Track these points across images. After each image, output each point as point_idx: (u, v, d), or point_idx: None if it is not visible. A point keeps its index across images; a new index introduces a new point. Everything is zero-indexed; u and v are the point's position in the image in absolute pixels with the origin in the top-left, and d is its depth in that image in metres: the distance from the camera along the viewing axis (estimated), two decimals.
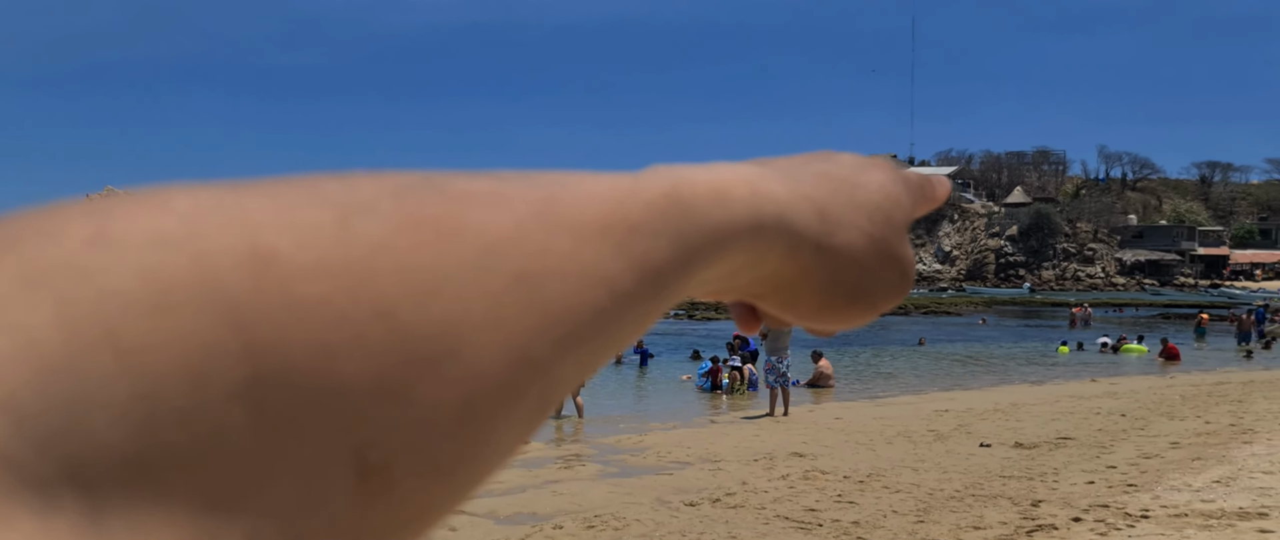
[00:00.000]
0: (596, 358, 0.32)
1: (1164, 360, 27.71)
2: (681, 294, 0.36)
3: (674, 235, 0.34)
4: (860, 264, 0.42)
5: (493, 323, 0.28)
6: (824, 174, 0.43)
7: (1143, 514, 8.05)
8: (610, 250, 0.32)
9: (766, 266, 0.40)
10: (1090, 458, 11.17)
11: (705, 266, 0.36)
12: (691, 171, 0.37)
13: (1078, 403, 16.91)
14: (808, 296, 0.43)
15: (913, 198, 0.47)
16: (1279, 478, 9.28)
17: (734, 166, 0.39)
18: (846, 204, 0.42)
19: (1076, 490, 9.32)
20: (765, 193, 0.38)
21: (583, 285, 0.30)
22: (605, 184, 0.34)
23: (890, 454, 11.66)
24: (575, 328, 0.30)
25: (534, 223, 0.30)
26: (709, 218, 0.35)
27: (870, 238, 0.43)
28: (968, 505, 8.85)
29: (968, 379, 22.81)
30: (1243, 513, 7.85)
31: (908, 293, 0.46)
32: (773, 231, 0.39)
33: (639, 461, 11.65)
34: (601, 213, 0.32)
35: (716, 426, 15.15)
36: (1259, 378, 21.99)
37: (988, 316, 52.44)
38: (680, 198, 0.35)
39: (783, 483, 10.07)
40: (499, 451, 0.30)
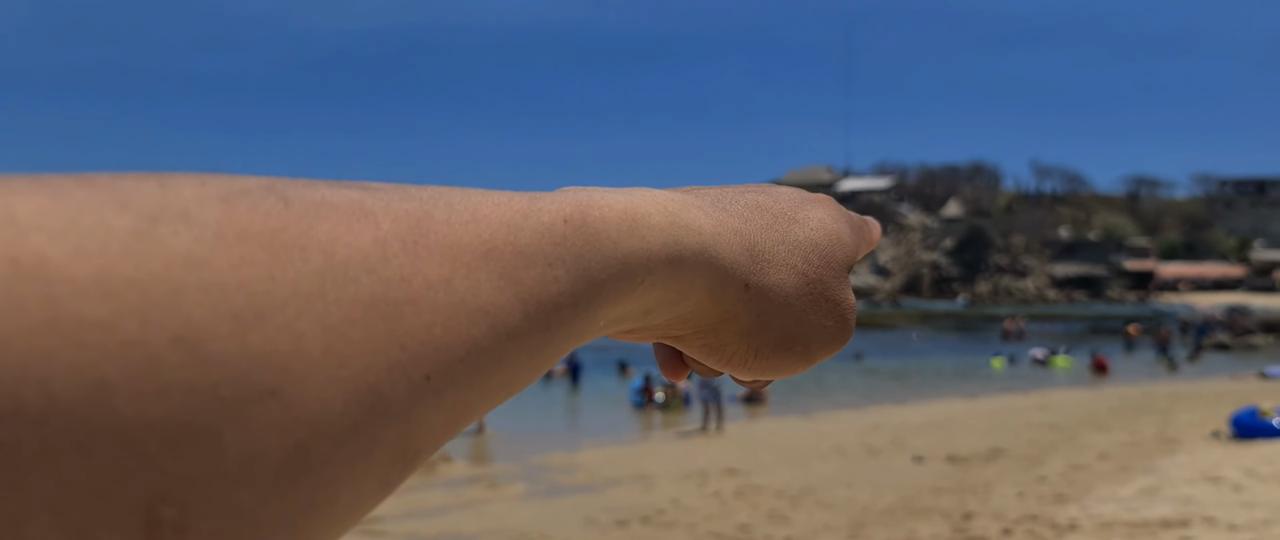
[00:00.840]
0: (478, 402, 0.29)
1: (1094, 373, 28.20)
2: (586, 332, 0.33)
3: (574, 265, 0.30)
4: (793, 307, 0.38)
5: (334, 358, 0.24)
6: (757, 206, 0.39)
7: (1071, 525, 8.08)
8: (493, 280, 0.28)
9: (686, 305, 0.36)
10: (1022, 470, 11.23)
11: (612, 302, 0.32)
12: (602, 195, 0.33)
13: (1010, 416, 17.08)
14: (733, 341, 0.38)
15: (856, 238, 0.43)
16: (1201, 487, 9.39)
17: (653, 192, 0.35)
18: (780, 241, 0.38)
19: (1008, 503, 9.34)
20: (687, 222, 0.34)
21: (454, 318, 0.27)
22: (495, 203, 0.30)
23: (824, 470, 11.62)
24: (443, 367, 0.26)
25: (398, 242, 0.26)
26: (618, 247, 0.32)
27: (805, 278, 0.39)
28: (900, 520, 8.81)
29: (902, 394, 22.96)
30: (1166, 522, 7.91)
31: (846, 341, 0.41)
32: (694, 266, 0.35)
33: (568, 480, 11.47)
34: (485, 235, 0.28)
35: (649, 443, 15.04)
36: (1183, 390, 22.44)
37: (923, 330, 53.06)
38: (585, 223, 0.31)
39: (715, 500, 9.96)
40: (343, 511, 0.25)
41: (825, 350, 0.40)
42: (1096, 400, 20.00)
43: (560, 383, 24.13)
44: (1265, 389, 21.20)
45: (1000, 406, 19.04)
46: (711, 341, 0.38)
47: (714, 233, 0.35)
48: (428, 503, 10.22)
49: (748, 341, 0.38)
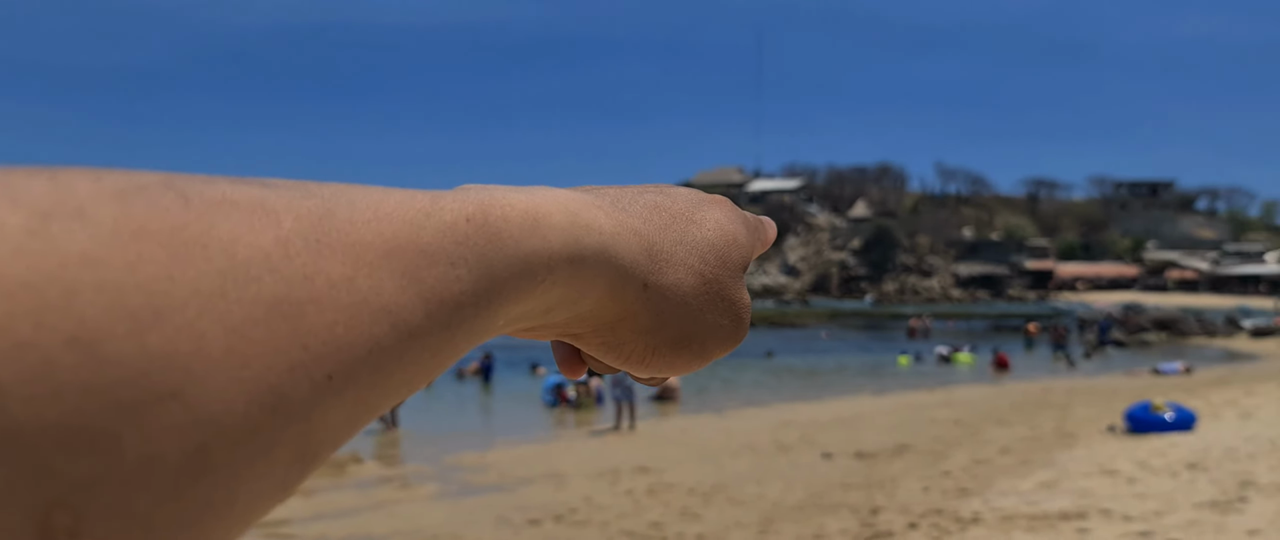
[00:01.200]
0: (378, 400, 0.28)
1: (996, 370, 28.99)
2: (487, 331, 0.33)
3: (476, 264, 0.31)
4: (690, 306, 0.39)
5: (236, 358, 0.23)
6: (656, 206, 0.39)
7: (974, 518, 8.27)
8: (395, 278, 0.28)
9: (586, 304, 0.36)
10: (927, 465, 11.48)
11: (514, 301, 0.33)
12: (503, 194, 0.33)
13: (916, 412, 17.45)
14: (631, 339, 0.39)
15: (752, 239, 0.43)
16: (1097, 480, 9.71)
17: (553, 191, 0.35)
18: (678, 241, 0.39)
19: (913, 498, 9.53)
20: (587, 222, 0.35)
21: (356, 317, 0.26)
22: (397, 202, 0.30)
23: (735, 467, 11.72)
24: (344, 367, 0.26)
25: (300, 241, 0.26)
26: (519, 247, 0.32)
27: (702, 277, 0.39)
28: (809, 516, 8.94)
29: (812, 391, 23.29)
30: (1064, 514, 8.15)
31: (741, 340, 0.42)
32: (594, 265, 0.35)
33: (480, 480, 11.38)
34: (387, 234, 0.28)
35: (561, 442, 14.99)
36: (1081, 385, 23.20)
37: (831, 329, 53.91)
38: (487, 222, 0.32)
39: (627, 498, 9.98)
40: (242, 511, 0.25)
41: (720, 348, 0.41)
42: (998, 396, 20.56)
43: (472, 382, 23.94)
44: (1158, 384, 22.04)
45: (906, 403, 19.45)
46: (610, 339, 0.39)
47: (614, 233, 0.36)
48: (338, 504, 10.04)
49: (645, 339, 0.39)
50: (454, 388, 22.95)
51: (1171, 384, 22.13)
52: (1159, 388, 20.31)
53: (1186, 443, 11.78)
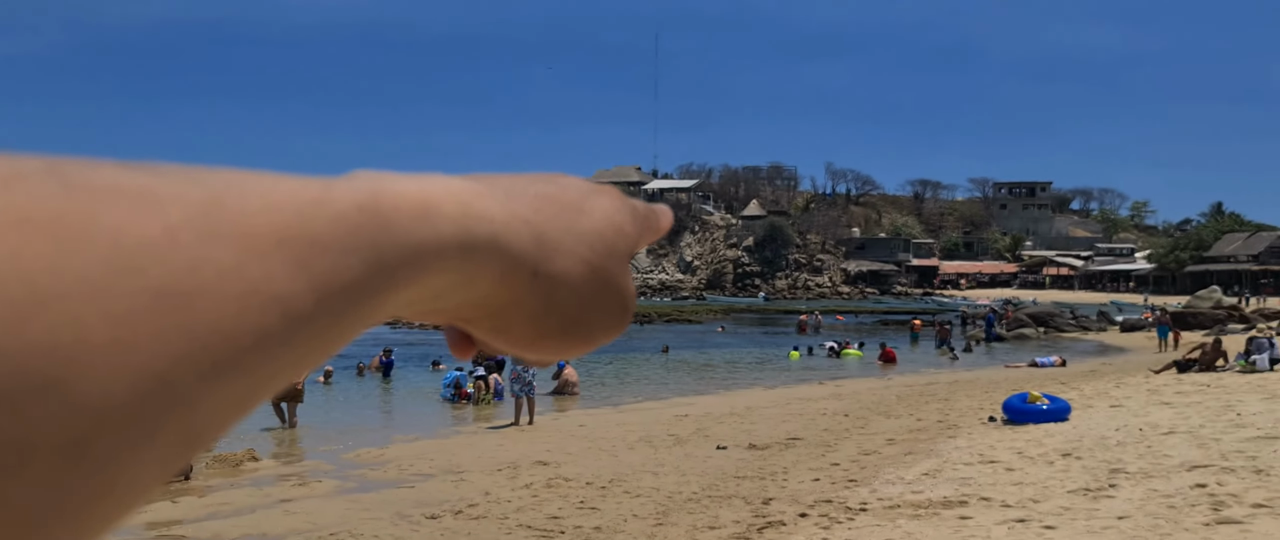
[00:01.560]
0: (262, 387, 0.28)
1: (883, 363, 29.82)
2: (376, 316, 0.33)
3: (367, 253, 0.30)
4: (578, 294, 0.40)
5: (120, 348, 0.23)
6: (545, 196, 0.40)
7: (861, 507, 8.56)
8: (286, 267, 0.28)
9: (476, 290, 0.36)
10: (817, 456, 11.80)
11: (404, 288, 0.33)
12: (395, 182, 0.33)
13: (807, 404, 17.87)
14: (520, 324, 0.39)
15: (638, 228, 0.44)
16: (977, 468, 10.13)
17: (445, 180, 0.35)
18: (566, 230, 0.39)
19: (804, 487, 9.81)
20: (478, 211, 0.35)
21: (245, 306, 0.26)
22: (288, 189, 0.29)
23: (632, 459, 11.88)
24: (232, 355, 0.26)
25: (189, 230, 0.26)
26: (410, 235, 0.32)
27: (590, 266, 0.40)
28: (704, 506, 9.13)
29: (707, 385, 23.63)
30: (947, 501, 8.50)
31: (627, 326, 0.43)
32: (484, 254, 0.35)
33: (379, 475, 11.31)
34: (278, 223, 0.28)
35: (461, 437, 14.95)
36: (963, 377, 24.04)
37: (726, 324, 54.59)
38: (378, 210, 0.31)
39: (526, 492, 10.05)
40: (123, 497, 0.25)
41: (606, 334, 0.42)
42: (885, 389, 21.15)
43: (373, 378, 23.63)
44: (1035, 376, 22.96)
45: (797, 396, 19.89)
46: (499, 324, 0.39)
47: (505, 222, 0.36)
48: (233, 502, 9.87)
49: (534, 325, 0.39)
50: (354, 384, 22.64)
51: (1047, 376, 23.07)
52: (1036, 380, 21.15)
53: (1061, 432, 12.33)
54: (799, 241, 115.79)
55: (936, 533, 7.42)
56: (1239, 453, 9.71)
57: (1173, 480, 8.67)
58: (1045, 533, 7.18)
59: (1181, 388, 17.31)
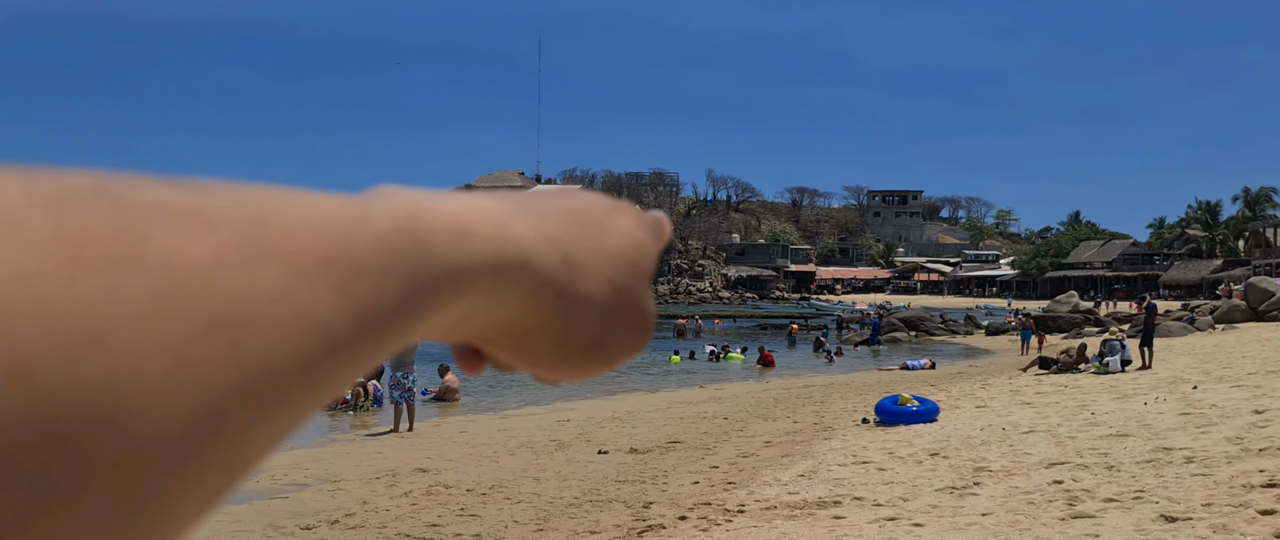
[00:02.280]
0: (304, 413, 0.27)
1: (761, 367, 30.35)
2: (407, 339, 0.31)
3: (406, 275, 0.29)
4: (603, 314, 0.38)
5: (175, 381, 0.22)
6: (571, 214, 0.39)
7: (739, 509, 8.70)
8: (329, 290, 0.26)
9: (504, 312, 0.35)
10: (696, 459, 11.95)
11: (438, 310, 0.32)
12: (429, 201, 0.32)
13: (687, 408, 18.05)
14: (544, 346, 0.38)
15: (657, 244, 0.43)
16: (851, 469, 10.40)
17: (475, 199, 0.35)
18: (593, 250, 0.38)
19: (684, 490, 9.92)
20: (510, 232, 0.34)
21: (292, 333, 0.25)
22: (329, 209, 0.28)
23: (513, 465, 11.82)
24: (278, 385, 0.25)
25: (238, 252, 0.24)
26: (447, 257, 0.31)
27: (615, 287, 0.39)
28: (585, 511, 9.16)
29: (588, 389, 23.64)
30: (821, 502, 8.71)
31: (646, 345, 0.42)
32: (515, 275, 0.34)
33: (250, 486, 10.99)
34: (322, 243, 0.27)
35: (338, 445, 14.63)
36: (838, 380, 24.63)
37: None
38: (417, 232, 0.30)
39: (405, 500, 9.91)
40: (167, 533, 0.24)
41: (628, 354, 0.41)
42: (763, 392, 21.52)
43: None
44: (906, 379, 23.68)
45: (678, 399, 20.07)
46: (522, 346, 0.38)
47: (535, 243, 0.35)
48: None
49: (558, 346, 0.38)
50: None
51: (918, 378, 23.82)
52: (907, 382, 21.82)
53: (930, 432, 12.75)
54: (681, 247, 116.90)
55: (811, 532, 7.60)
56: (1092, 450, 10.22)
57: (1032, 477, 9.07)
58: (914, 530, 7.43)
59: (1041, 388, 18.11)
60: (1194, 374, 18.08)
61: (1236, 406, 12.37)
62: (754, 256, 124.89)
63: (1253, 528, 6.52)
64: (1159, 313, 25.91)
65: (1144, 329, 22.35)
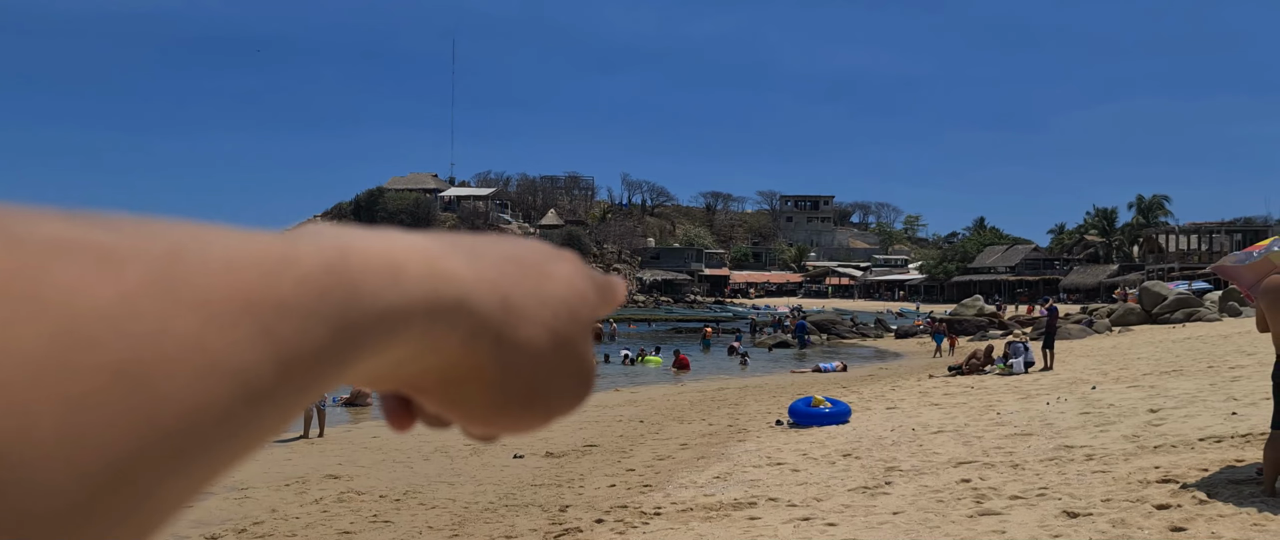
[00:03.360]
0: (220, 466, 0.25)
1: (677, 370, 30.49)
2: (336, 384, 0.30)
3: (334, 318, 0.27)
4: (541, 363, 0.36)
5: (72, 439, 0.20)
6: (511, 258, 0.37)
7: (656, 511, 8.72)
8: (250, 334, 0.25)
9: (438, 356, 0.33)
10: (613, 462, 11.94)
11: (369, 354, 0.30)
12: (360, 239, 0.30)
13: (603, 411, 18.04)
14: (478, 394, 0.36)
15: (598, 296, 0.41)
16: (765, 470, 10.50)
17: (407, 238, 0.33)
18: (531, 295, 0.36)
19: (600, 494, 9.91)
20: (445, 272, 0.33)
21: (208, 382, 0.23)
22: (251, 247, 0.26)
23: (427, 470, 11.68)
24: (194, 437, 0.23)
25: (148, 294, 0.22)
26: (379, 298, 0.29)
27: (555, 334, 0.37)
28: (501, 516, 9.08)
29: None
30: (737, 503, 8.78)
31: (586, 399, 0.40)
32: (451, 317, 0.33)
33: None
34: (242, 284, 0.25)
35: None
36: (752, 383, 24.88)
37: None
38: (347, 272, 0.28)
39: (316, 507, 9.71)
40: None
41: (566, 407, 0.39)
42: (679, 395, 21.62)
43: None
44: (819, 381, 24.02)
45: (594, 403, 20.03)
46: (455, 395, 0.36)
47: (473, 284, 0.34)
48: None
49: (493, 395, 0.36)
50: None
51: (830, 380, 24.19)
52: (819, 384, 22.14)
53: (842, 433, 12.94)
54: (596, 251, 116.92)
55: (727, 533, 7.65)
56: (998, 449, 10.48)
57: (941, 476, 9.26)
58: (828, 530, 7.53)
59: (949, 389, 18.52)
60: (1093, 375, 18.68)
61: (1133, 406, 12.81)
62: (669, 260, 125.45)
63: (1149, 522, 6.76)
64: (1059, 316, 26.72)
65: (1046, 331, 23.02)
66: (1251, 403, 11.38)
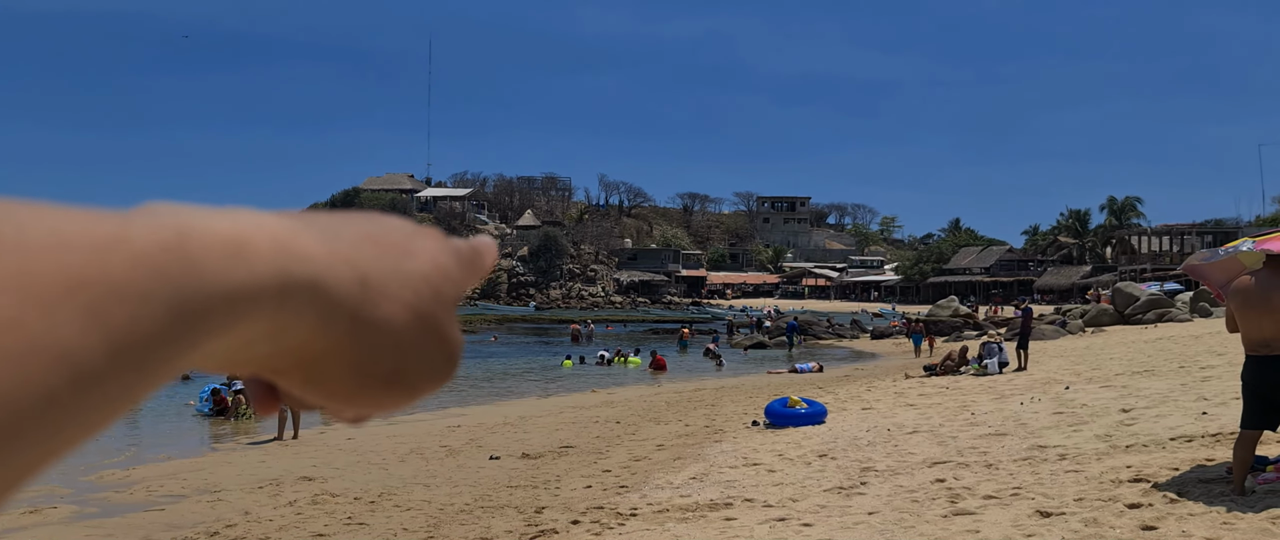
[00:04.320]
0: (50, 453, 0.25)
1: (654, 371, 30.51)
2: (178, 369, 0.29)
3: (172, 298, 0.27)
4: (402, 342, 0.36)
5: None
6: (368, 236, 0.36)
7: (632, 512, 8.72)
8: (77, 318, 0.24)
9: (291, 337, 0.33)
10: (589, 463, 11.93)
11: (214, 336, 0.29)
12: (201, 217, 0.29)
13: (579, 412, 18.02)
14: (338, 376, 0.35)
15: (463, 271, 0.40)
16: (742, 471, 10.52)
17: (258, 216, 0.32)
18: (392, 272, 0.36)
19: (576, 495, 9.89)
20: (296, 250, 0.32)
21: (28, 366, 0.23)
22: (78, 226, 0.25)
23: (402, 472, 11.63)
24: (14, 424, 0.22)
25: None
26: (222, 278, 0.29)
27: (416, 313, 0.36)
28: (476, 517, 9.05)
29: (480, 395, 23.42)
30: (713, 504, 8.78)
31: (452, 377, 0.40)
32: (303, 297, 0.32)
33: (124, 498, 10.56)
34: (66, 265, 0.24)
35: (218, 454, 14.18)
36: (729, 383, 24.92)
37: (499, 333, 54.32)
38: (186, 251, 0.28)
39: (290, 509, 9.65)
40: None
41: (430, 386, 0.39)
42: (655, 396, 21.63)
43: None
44: (795, 382, 24.06)
45: (571, 404, 20.04)
46: (315, 375, 0.35)
47: (326, 262, 0.33)
48: None
49: (354, 376, 0.36)
50: None
51: (806, 381, 24.25)
52: (796, 385, 22.18)
53: (818, 434, 12.97)
54: (573, 252, 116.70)
55: (703, 534, 7.65)
56: (973, 449, 10.54)
57: (916, 476, 9.30)
58: (804, 530, 7.54)
59: (924, 390, 18.61)
60: (1066, 375, 18.82)
61: (1105, 406, 12.91)
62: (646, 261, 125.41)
63: (1121, 521, 6.81)
64: (1034, 316, 26.91)
65: (1021, 332, 23.17)
66: (1222, 402, 11.49)
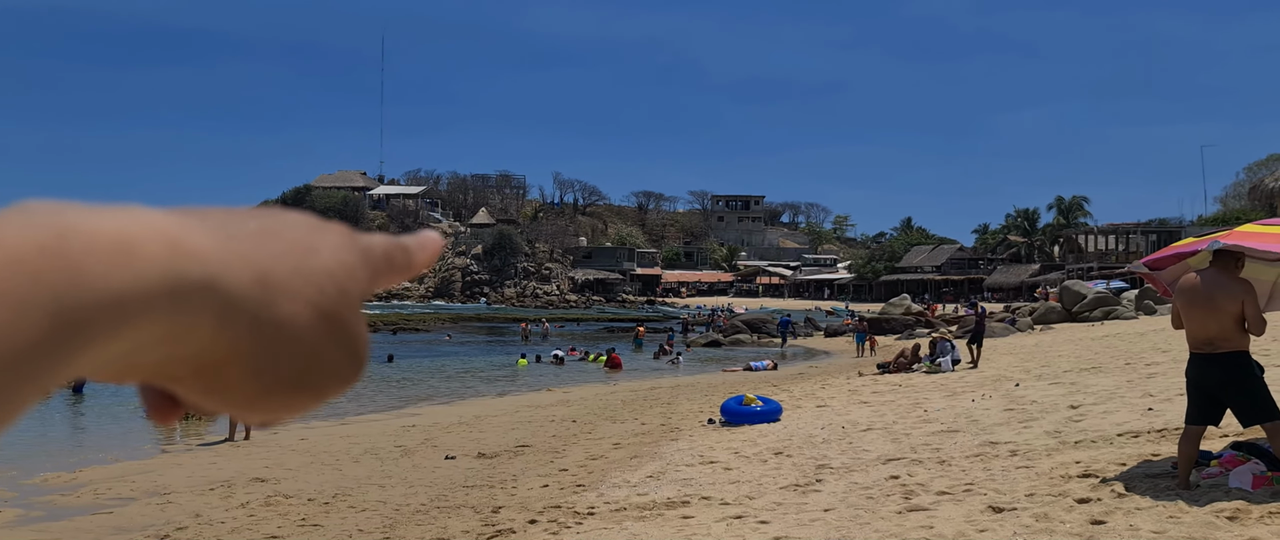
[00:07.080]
0: None
1: (609, 369, 30.50)
2: (63, 377, 0.27)
3: (51, 305, 0.25)
4: (306, 343, 0.34)
5: None
6: (268, 232, 0.34)
7: (589, 511, 8.71)
8: None
9: (189, 343, 0.31)
10: (545, 462, 11.90)
11: (98, 344, 0.27)
12: (83, 216, 0.27)
13: (535, 411, 17.98)
14: (239, 381, 0.34)
15: (370, 269, 0.38)
16: (698, 469, 10.55)
17: (147, 213, 0.30)
18: (294, 271, 0.34)
19: (533, 494, 9.86)
20: (189, 250, 0.30)
21: None
22: None
23: (357, 472, 11.53)
24: None
25: None
26: (107, 281, 0.27)
27: (319, 310, 0.35)
28: (432, 517, 9.00)
29: (434, 394, 23.28)
30: (670, 502, 8.80)
31: (358, 377, 0.39)
32: (197, 299, 0.30)
33: (71, 501, 10.37)
34: None
35: (167, 456, 13.96)
36: (685, 382, 24.98)
37: (454, 331, 54.02)
38: (66, 254, 0.26)
39: (242, 511, 9.53)
40: None
41: (338, 387, 0.37)
42: (611, 394, 21.63)
43: (60, 393, 21.54)
44: (750, 380, 24.18)
45: (526, 403, 19.98)
46: (213, 382, 0.33)
47: (222, 261, 0.31)
48: None
49: (256, 380, 0.34)
50: None
51: (761, 379, 24.37)
52: (750, 383, 22.28)
53: (774, 432, 13.05)
54: (528, 250, 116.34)
55: (661, 532, 7.67)
56: (926, 446, 10.66)
57: (871, 473, 9.39)
58: (760, 527, 7.58)
59: (877, 388, 18.80)
60: (1016, 372, 19.10)
61: (1054, 402, 13.12)
62: (601, 260, 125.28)
63: (1071, 515, 6.92)
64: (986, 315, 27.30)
65: (974, 330, 23.51)
66: (1167, 399, 11.73)
